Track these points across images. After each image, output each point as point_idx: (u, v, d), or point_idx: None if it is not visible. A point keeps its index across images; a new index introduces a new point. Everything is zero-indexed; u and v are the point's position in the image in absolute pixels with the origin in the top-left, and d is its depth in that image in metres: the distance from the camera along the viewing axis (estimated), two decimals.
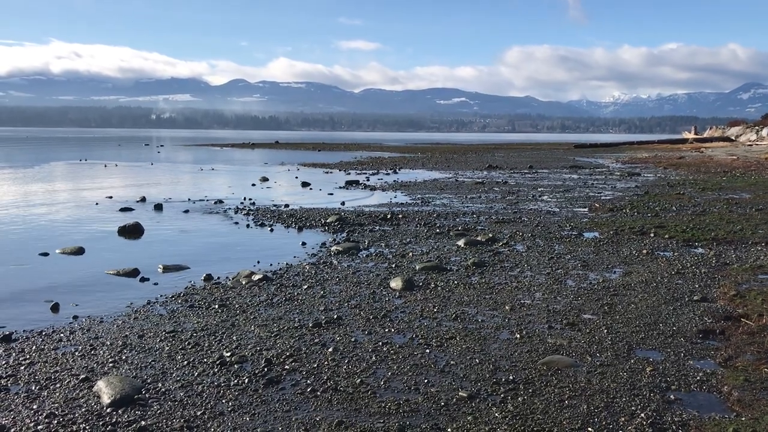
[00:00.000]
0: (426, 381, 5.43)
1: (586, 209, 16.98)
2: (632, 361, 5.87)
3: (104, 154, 52.18)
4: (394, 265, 9.96)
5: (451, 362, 5.86)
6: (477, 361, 5.89)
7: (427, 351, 6.14)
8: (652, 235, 12.53)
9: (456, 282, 8.87)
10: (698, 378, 5.49)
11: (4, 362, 5.87)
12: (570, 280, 9.02)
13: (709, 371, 5.64)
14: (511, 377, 5.50)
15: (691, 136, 75.76)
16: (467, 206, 17.70)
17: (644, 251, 10.93)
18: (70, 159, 45.06)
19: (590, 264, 10.01)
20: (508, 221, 14.66)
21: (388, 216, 15.07)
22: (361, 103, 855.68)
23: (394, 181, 26.67)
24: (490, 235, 12.35)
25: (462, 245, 11.56)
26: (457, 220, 14.93)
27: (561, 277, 9.19)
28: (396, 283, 8.59)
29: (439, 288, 8.56)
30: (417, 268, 9.67)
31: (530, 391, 5.24)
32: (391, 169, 34.28)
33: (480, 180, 26.79)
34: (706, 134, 78.57)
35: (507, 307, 7.62)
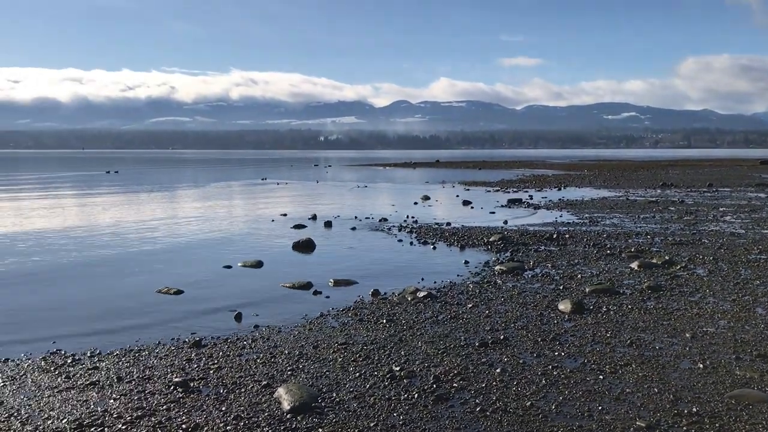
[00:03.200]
0: (600, 408, 5.21)
1: None
2: None
3: (279, 174, 55.60)
4: (561, 287, 9.67)
5: (627, 390, 5.58)
6: (655, 390, 5.56)
7: (601, 377, 5.89)
8: None
9: (630, 306, 8.45)
10: None
11: (196, 365, 6.41)
12: (760, 307, 8.26)
13: None
14: (694, 409, 5.13)
15: None
16: (640, 226, 16.81)
17: None
18: (250, 178, 48.46)
19: None
20: (686, 243, 13.73)
21: (554, 236, 14.68)
22: (522, 120, 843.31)
23: (559, 199, 25.96)
24: (667, 257, 11.64)
25: (635, 268, 10.99)
26: (630, 241, 14.21)
27: (749, 304, 8.44)
28: (565, 306, 8.33)
29: (611, 312, 8.19)
30: (587, 290, 9.32)
31: (717, 425, 4.85)
32: (555, 187, 33.44)
33: (653, 199, 25.36)
34: None
35: (687, 335, 7.13)
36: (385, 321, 7.92)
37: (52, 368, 6.35)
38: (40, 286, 10.42)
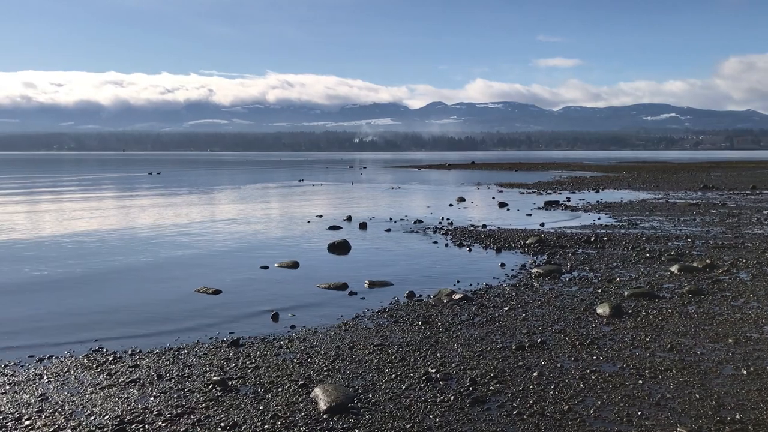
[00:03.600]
0: (639, 413, 5.13)
1: None
2: None
3: (315, 176, 55.94)
4: (599, 290, 9.55)
5: (667, 395, 5.48)
6: (697, 396, 5.45)
7: (640, 382, 5.80)
8: None
9: (670, 310, 8.30)
10: None
11: (234, 365, 6.49)
12: None
13: None
14: (737, 416, 5.02)
15: None
16: (680, 229, 16.50)
17: None
18: (286, 180, 48.81)
19: None
20: (728, 246, 13.43)
21: (592, 238, 14.49)
22: (559, 122, 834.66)
23: (597, 201, 25.63)
24: (708, 261, 11.40)
25: (675, 271, 10.79)
26: (669, 244, 13.96)
27: None
28: (603, 309, 8.23)
29: (650, 316, 8.06)
30: (625, 294, 9.18)
31: None
32: (593, 189, 33.03)
33: (694, 201, 24.87)
34: None
35: (730, 340, 6.97)
36: (420, 323, 7.92)
37: (94, 366, 6.50)
38: (83, 286, 10.66)
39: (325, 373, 6.17)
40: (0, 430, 4.97)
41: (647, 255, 12.48)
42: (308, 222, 19.47)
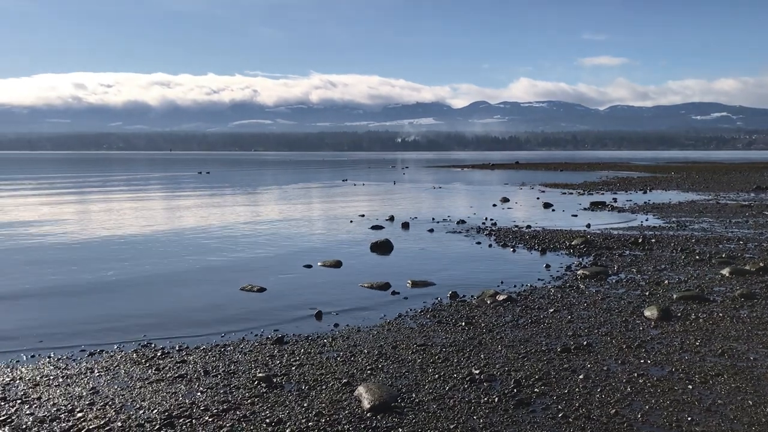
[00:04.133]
0: (689, 419, 5.01)
1: None
2: None
3: (357, 175, 56.16)
4: (647, 293, 9.36)
5: (718, 401, 5.34)
6: (750, 402, 5.30)
7: (689, 387, 5.67)
8: None
9: (721, 314, 8.08)
10: None
11: (278, 362, 6.56)
12: None
13: None
14: None
15: None
16: (731, 231, 16.06)
17: None
18: (329, 179, 49.11)
19: None
20: None
21: (640, 240, 14.21)
22: (606, 121, 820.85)
23: (645, 202, 25.12)
24: (761, 264, 11.06)
25: (726, 274, 10.51)
26: (720, 246, 13.60)
27: None
28: (651, 312, 8.06)
29: (700, 320, 7.86)
30: (674, 297, 8.98)
31: None
32: (640, 190, 32.40)
33: (746, 203, 24.17)
34: None
35: None
36: (463, 323, 7.88)
37: (143, 361, 6.65)
38: (132, 286, 10.90)
39: (369, 371, 6.20)
40: (54, 421, 5.13)
41: (697, 257, 12.19)
42: (351, 221, 19.56)
